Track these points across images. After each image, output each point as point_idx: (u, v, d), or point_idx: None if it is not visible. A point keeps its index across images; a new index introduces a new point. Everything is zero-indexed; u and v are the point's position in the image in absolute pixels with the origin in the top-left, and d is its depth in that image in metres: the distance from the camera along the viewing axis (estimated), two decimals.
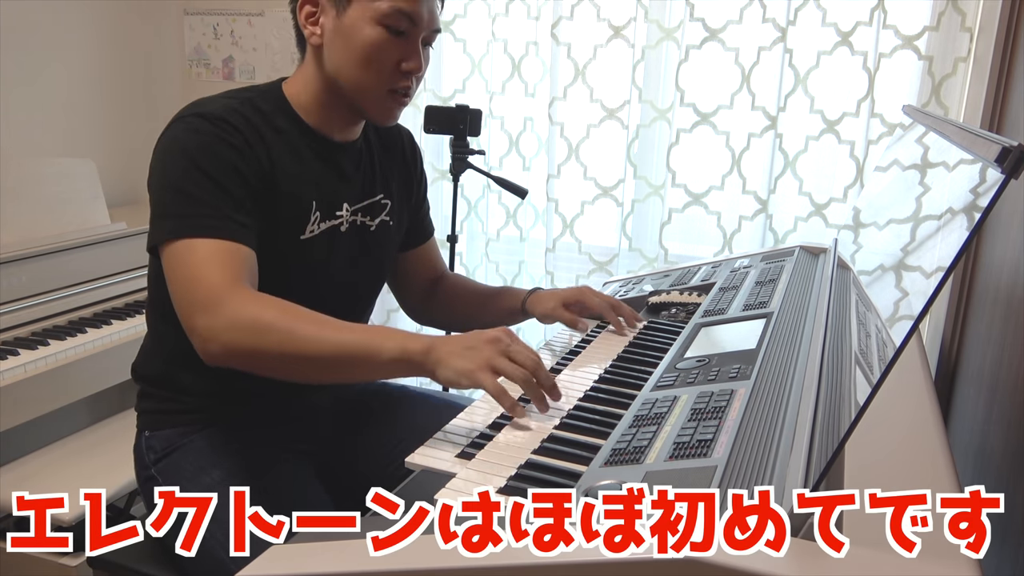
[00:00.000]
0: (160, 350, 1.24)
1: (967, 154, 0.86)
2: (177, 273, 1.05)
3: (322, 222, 1.21)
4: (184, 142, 1.09)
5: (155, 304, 1.22)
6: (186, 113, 1.12)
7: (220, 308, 1.01)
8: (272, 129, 1.16)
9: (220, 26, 2.62)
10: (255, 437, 1.21)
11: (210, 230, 1.05)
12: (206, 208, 1.06)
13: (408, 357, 1.00)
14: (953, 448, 0.87)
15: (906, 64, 1.96)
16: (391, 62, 1.15)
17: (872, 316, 1.08)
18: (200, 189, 1.07)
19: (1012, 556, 1.20)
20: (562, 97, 2.25)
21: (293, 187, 1.17)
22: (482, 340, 1.00)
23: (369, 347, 1.00)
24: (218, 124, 1.10)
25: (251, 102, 1.16)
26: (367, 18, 1.12)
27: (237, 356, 1.03)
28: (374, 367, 1.01)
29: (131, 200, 2.62)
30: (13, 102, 2.19)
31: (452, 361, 0.98)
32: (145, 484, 1.22)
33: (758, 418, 0.87)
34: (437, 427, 1.03)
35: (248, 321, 1.00)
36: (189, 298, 1.03)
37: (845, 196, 2.05)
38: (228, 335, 1.01)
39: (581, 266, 2.36)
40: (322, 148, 1.21)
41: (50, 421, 1.79)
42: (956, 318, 1.82)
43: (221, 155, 1.09)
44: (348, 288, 1.29)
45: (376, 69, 1.14)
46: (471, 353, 0.99)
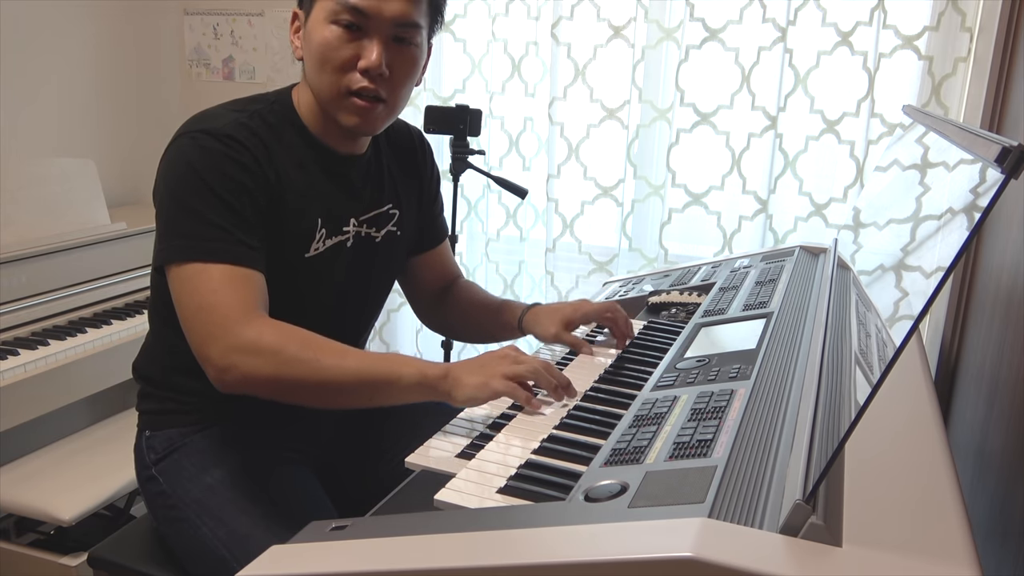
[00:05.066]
0: (162, 351, 1.24)
1: (967, 154, 0.86)
2: (190, 299, 1.04)
3: (328, 239, 1.19)
4: (192, 160, 1.07)
5: (157, 308, 1.21)
6: (193, 128, 1.10)
7: (237, 338, 1.00)
8: (280, 143, 1.14)
9: (220, 26, 2.62)
10: (256, 437, 1.21)
11: (222, 254, 1.04)
12: (216, 231, 1.05)
13: (427, 382, 1.03)
14: (953, 448, 0.87)
15: (906, 64, 1.96)
16: (343, 60, 1.10)
17: (872, 316, 1.08)
18: (210, 210, 1.05)
19: (1012, 556, 1.20)
20: (562, 97, 2.25)
21: (300, 203, 1.15)
22: (492, 356, 1.06)
23: (389, 375, 1.03)
24: (226, 142, 1.08)
25: (259, 115, 1.14)
26: (321, 19, 1.10)
27: (255, 385, 1.03)
28: (394, 393, 1.04)
29: (131, 200, 2.62)
30: (13, 102, 2.19)
31: (466, 379, 1.02)
32: (146, 484, 1.21)
33: (758, 418, 0.87)
34: (437, 428, 1.03)
35: (268, 350, 1.00)
36: (203, 327, 1.02)
37: (845, 196, 2.05)
38: (247, 365, 1.00)
39: (581, 266, 2.36)
40: (329, 163, 1.20)
41: (50, 421, 1.80)
42: (956, 318, 1.82)
43: (230, 174, 1.07)
44: (353, 300, 1.28)
45: (330, 69, 1.11)
46: (482, 369, 1.03)
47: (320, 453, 1.29)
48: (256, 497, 1.12)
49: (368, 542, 0.76)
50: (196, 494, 1.13)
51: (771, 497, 0.71)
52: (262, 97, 1.19)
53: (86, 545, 1.57)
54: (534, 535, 0.71)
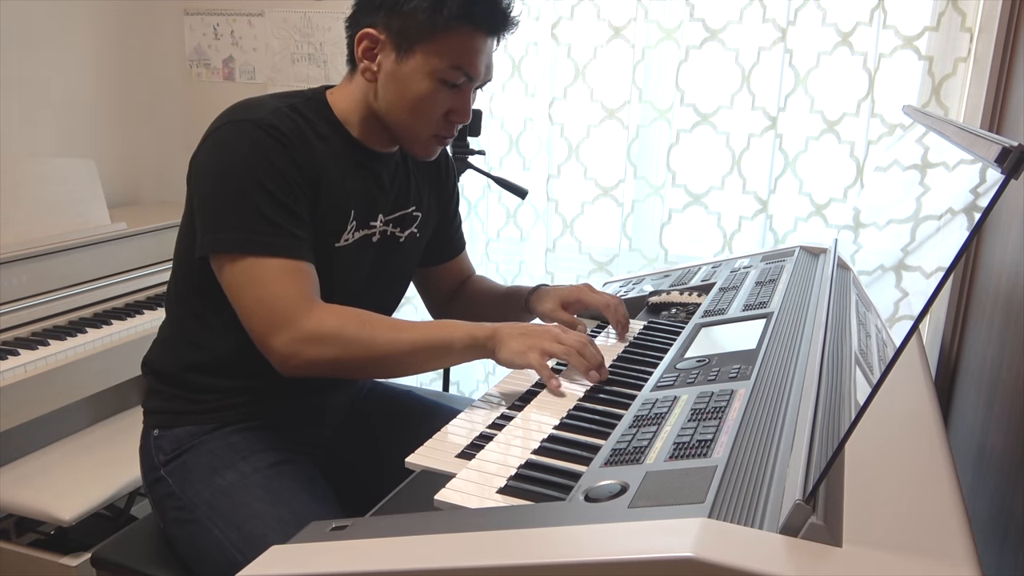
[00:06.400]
0: (180, 345, 1.23)
1: (967, 154, 0.86)
2: (248, 292, 1.09)
3: (357, 231, 1.22)
4: (241, 151, 1.08)
5: (184, 299, 1.22)
6: (238, 118, 1.11)
7: (299, 328, 1.07)
8: (316, 135, 1.16)
9: (220, 26, 2.62)
10: (266, 439, 1.20)
11: (275, 248, 1.08)
12: (268, 225, 1.08)
13: (476, 343, 1.12)
14: (953, 448, 0.87)
15: (906, 64, 1.95)
16: (440, 112, 1.17)
17: (872, 316, 1.08)
18: (261, 203, 1.08)
19: (1012, 556, 1.20)
20: (562, 97, 2.25)
21: (335, 195, 1.17)
22: (539, 328, 1.14)
23: (442, 341, 1.12)
24: (271, 132, 1.09)
25: (295, 108, 1.16)
26: (426, 71, 1.13)
27: (319, 367, 1.10)
28: (448, 357, 1.14)
29: (131, 200, 2.62)
30: (13, 102, 2.19)
31: (510, 343, 1.11)
32: (154, 485, 1.20)
33: (758, 418, 0.87)
34: (437, 428, 1.03)
35: (330, 335, 1.08)
36: (266, 317, 1.08)
37: (845, 196, 2.05)
38: (311, 352, 1.08)
39: (581, 266, 2.36)
40: (363, 157, 1.22)
41: (50, 421, 1.79)
42: (956, 318, 1.82)
43: (278, 166, 1.09)
44: (373, 295, 1.29)
45: (425, 118, 1.16)
46: (525, 338, 1.11)
47: (325, 454, 1.29)
48: (268, 499, 1.11)
49: (368, 542, 0.76)
50: (207, 496, 1.12)
51: (771, 497, 0.71)
52: (296, 93, 1.21)
53: (86, 545, 1.57)
54: (534, 535, 0.71)
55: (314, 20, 2.49)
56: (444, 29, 1.10)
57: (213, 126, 1.13)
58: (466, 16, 1.10)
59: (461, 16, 1.10)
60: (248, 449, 1.18)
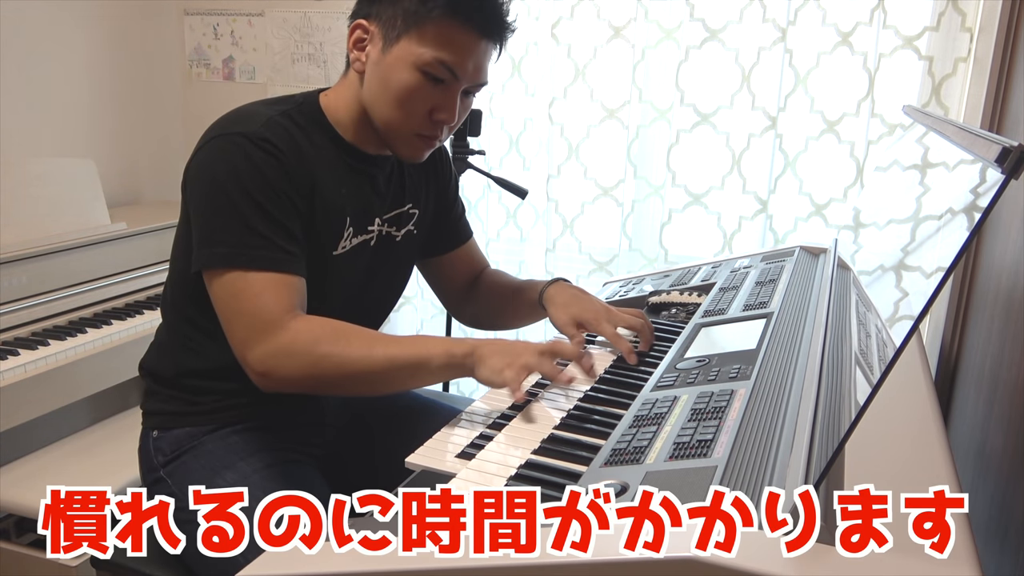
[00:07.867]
0: (176, 349, 1.23)
1: (967, 154, 0.86)
2: (230, 305, 1.07)
3: (354, 237, 1.21)
4: (233, 165, 1.07)
5: (180, 307, 1.21)
6: (230, 131, 1.10)
7: (272, 342, 1.05)
8: (310, 144, 1.15)
9: (220, 26, 2.62)
10: (266, 439, 1.20)
11: (263, 262, 1.07)
12: (259, 239, 1.07)
13: (454, 361, 1.07)
14: (953, 448, 0.88)
15: (906, 64, 1.95)
16: (423, 108, 1.13)
17: (872, 316, 1.08)
18: (252, 218, 1.07)
19: (1012, 556, 1.20)
20: (562, 97, 2.25)
21: (331, 203, 1.16)
22: (520, 344, 1.08)
23: (419, 358, 1.07)
24: (263, 146, 1.08)
25: (288, 115, 1.14)
26: (408, 61, 1.10)
27: (294, 383, 1.08)
28: (424, 376, 1.08)
29: (131, 200, 2.62)
30: (13, 102, 2.19)
31: (489, 360, 1.06)
32: (153, 486, 1.20)
33: (758, 418, 0.87)
34: (437, 428, 1.03)
35: (302, 350, 1.05)
36: (243, 332, 1.06)
37: (845, 196, 2.05)
38: (283, 367, 1.06)
39: (581, 266, 2.36)
40: (357, 161, 1.21)
41: (50, 421, 1.79)
42: (956, 318, 1.82)
43: (270, 179, 1.08)
44: (371, 297, 1.29)
45: (407, 112, 1.13)
46: (504, 356, 1.06)
47: (325, 454, 1.29)
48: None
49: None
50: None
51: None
52: (288, 99, 1.20)
53: None
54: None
55: (314, 20, 2.49)
56: (429, 19, 1.08)
57: (205, 138, 1.12)
58: (452, 7, 1.08)
59: (447, 6, 1.08)
60: (247, 449, 1.18)
